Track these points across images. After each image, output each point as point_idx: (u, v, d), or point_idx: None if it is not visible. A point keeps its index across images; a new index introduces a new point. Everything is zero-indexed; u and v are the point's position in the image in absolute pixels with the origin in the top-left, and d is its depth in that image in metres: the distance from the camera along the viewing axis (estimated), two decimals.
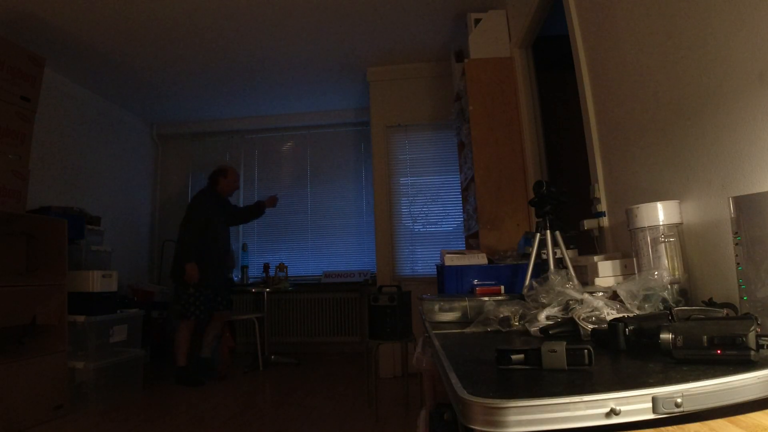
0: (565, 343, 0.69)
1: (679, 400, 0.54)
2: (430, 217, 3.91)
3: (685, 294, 1.09)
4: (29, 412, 2.48)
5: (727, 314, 0.85)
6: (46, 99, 3.49)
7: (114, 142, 4.58)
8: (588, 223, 1.74)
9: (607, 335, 0.81)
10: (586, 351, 0.68)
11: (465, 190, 3.25)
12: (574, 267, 1.40)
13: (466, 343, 0.99)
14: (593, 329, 0.88)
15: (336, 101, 4.77)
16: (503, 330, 1.07)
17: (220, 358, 3.76)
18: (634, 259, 1.20)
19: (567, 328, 0.94)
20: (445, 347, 0.91)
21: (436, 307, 1.31)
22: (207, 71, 3.97)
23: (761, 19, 0.90)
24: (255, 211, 4.12)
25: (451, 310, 1.30)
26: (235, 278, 4.76)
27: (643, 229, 1.16)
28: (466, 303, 1.30)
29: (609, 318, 0.88)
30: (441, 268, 1.94)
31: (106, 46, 3.45)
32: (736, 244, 0.86)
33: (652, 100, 1.32)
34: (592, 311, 0.94)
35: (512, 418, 0.53)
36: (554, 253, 1.48)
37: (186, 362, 3.46)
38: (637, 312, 0.95)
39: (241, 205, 4.59)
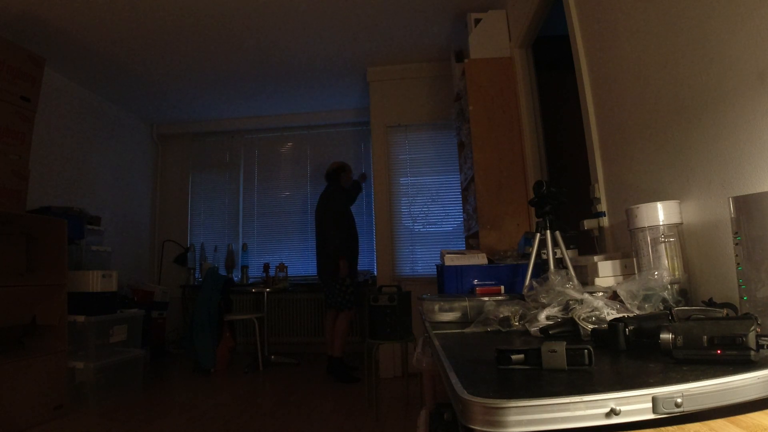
0: (565, 343, 0.69)
1: (679, 400, 0.54)
2: (430, 217, 3.91)
3: (685, 294, 1.09)
4: (29, 412, 2.48)
5: (727, 314, 0.85)
6: (46, 99, 3.50)
7: (114, 142, 4.58)
8: (588, 223, 1.74)
9: (607, 335, 0.81)
10: (586, 351, 0.68)
11: (465, 190, 3.25)
12: (574, 267, 1.40)
13: (466, 343, 0.99)
14: (593, 329, 0.88)
15: (336, 101, 4.77)
16: (503, 330, 1.07)
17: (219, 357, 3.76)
18: (634, 259, 1.20)
19: (567, 328, 0.94)
20: (445, 347, 0.91)
21: (436, 307, 1.31)
22: (207, 71, 3.97)
23: (761, 19, 0.90)
24: (358, 189, 4.03)
25: (451, 310, 1.30)
26: (236, 278, 4.76)
27: (643, 229, 1.16)
28: (466, 303, 1.29)
29: (609, 318, 0.88)
30: (441, 268, 1.94)
31: (105, 46, 3.45)
32: (736, 244, 0.86)
33: (652, 100, 1.32)
34: (592, 311, 0.94)
35: (512, 418, 0.53)
36: (554, 253, 1.48)
37: (342, 354, 3.49)
38: (637, 312, 0.95)
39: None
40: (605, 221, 1.70)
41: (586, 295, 0.99)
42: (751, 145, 0.95)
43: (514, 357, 0.70)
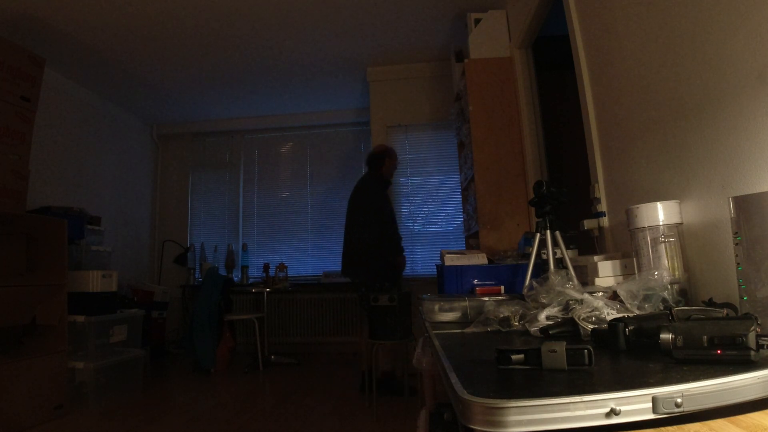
0: (565, 343, 0.69)
1: (679, 400, 0.54)
2: (430, 217, 3.92)
3: (685, 294, 1.09)
4: (29, 412, 2.48)
5: (727, 314, 0.85)
6: (46, 99, 3.49)
7: (114, 142, 4.58)
8: (588, 223, 1.74)
9: (607, 335, 0.81)
10: (586, 351, 0.68)
11: (465, 190, 3.25)
12: (574, 267, 1.40)
13: (466, 343, 0.99)
14: (593, 329, 0.88)
15: (336, 101, 4.77)
16: (503, 330, 1.07)
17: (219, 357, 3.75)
18: (634, 259, 1.20)
19: (567, 328, 0.93)
20: (445, 347, 0.91)
21: (436, 307, 1.31)
22: (207, 71, 3.97)
23: (761, 19, 0.90)
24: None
25: (451, 310, 1.30)
26: (236, 278, 4.76)
27: (643, 229, 1.16)
28: (466, 303, 1.29)
29: (609, 318, 0.88)
30: (441, 268, 1.94)
31: (106, 46, 3.45)
32: (736, 244, 0.86)
33: (652, 100, 1.32)
34: (592, 311, 0.94)
35: (512, 418, 0.53)
36: (554, 253, 1.48)
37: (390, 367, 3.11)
38: (637, 312, 0.95)
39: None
40: (605, 221, 1.70)
41: (586, 295, 0.99)
42: (751, 145, 0.95)
43: (514, 357, 0.70)
